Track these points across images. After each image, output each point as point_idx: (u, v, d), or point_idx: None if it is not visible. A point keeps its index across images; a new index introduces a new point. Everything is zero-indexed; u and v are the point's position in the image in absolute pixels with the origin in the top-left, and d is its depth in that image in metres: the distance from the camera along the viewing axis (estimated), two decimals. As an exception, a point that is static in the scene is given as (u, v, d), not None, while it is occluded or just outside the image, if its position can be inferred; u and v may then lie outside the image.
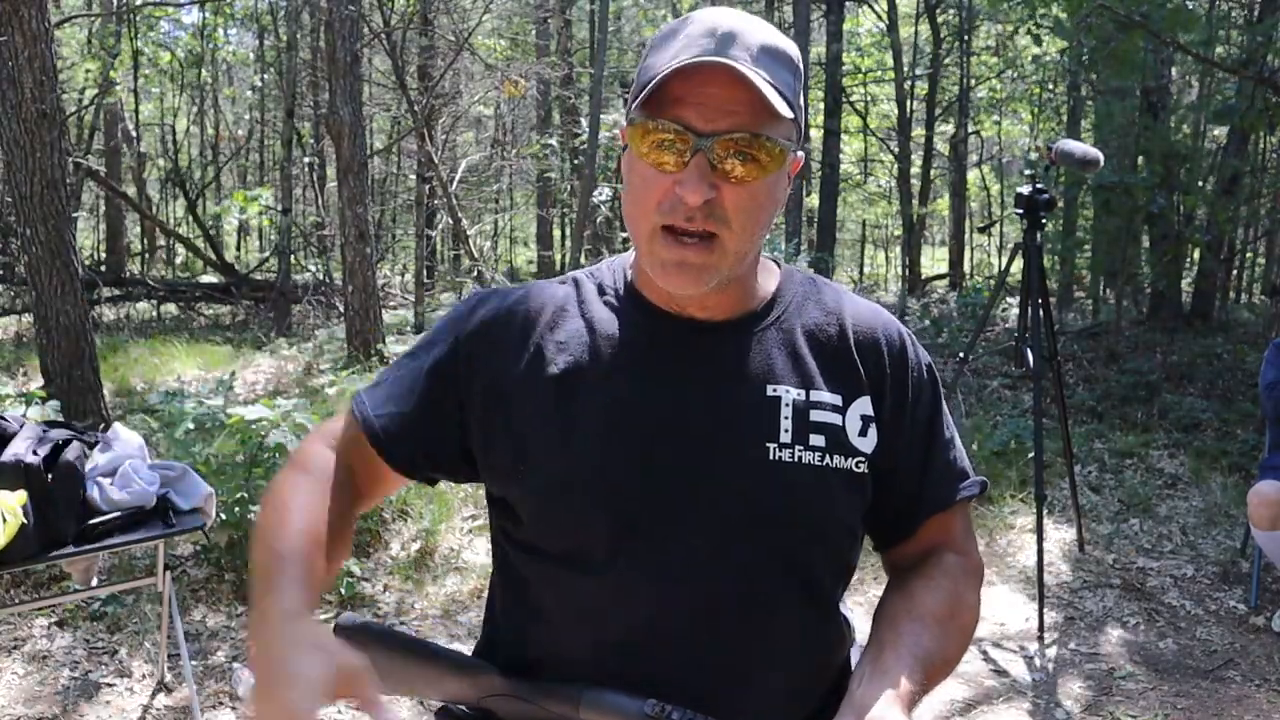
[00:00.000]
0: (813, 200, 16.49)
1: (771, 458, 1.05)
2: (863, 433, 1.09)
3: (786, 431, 1.06)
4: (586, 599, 1.05)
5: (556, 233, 18.96)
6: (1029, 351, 3.94)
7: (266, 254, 14.60)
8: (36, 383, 6.18)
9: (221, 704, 3.10)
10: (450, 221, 11.72)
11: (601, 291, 1.14)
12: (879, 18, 16.08)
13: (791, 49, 1.03)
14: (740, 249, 1.02)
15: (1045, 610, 3.76)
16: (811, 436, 1.07)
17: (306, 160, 13.65)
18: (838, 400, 1.09)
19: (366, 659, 0.88)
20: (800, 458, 1.06)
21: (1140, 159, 8.58)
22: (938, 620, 1.06)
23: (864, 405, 1.10)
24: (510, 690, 1.07)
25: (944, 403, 1.19)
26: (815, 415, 1.07)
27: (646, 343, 1.10)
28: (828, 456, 1.07)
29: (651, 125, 0.98)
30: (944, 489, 1.16)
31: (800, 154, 1.07)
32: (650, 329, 1.10)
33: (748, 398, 1.07)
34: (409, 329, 10.73)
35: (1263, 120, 8.16)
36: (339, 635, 1.05)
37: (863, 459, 1.09)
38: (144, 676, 3.23)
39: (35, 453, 2.80)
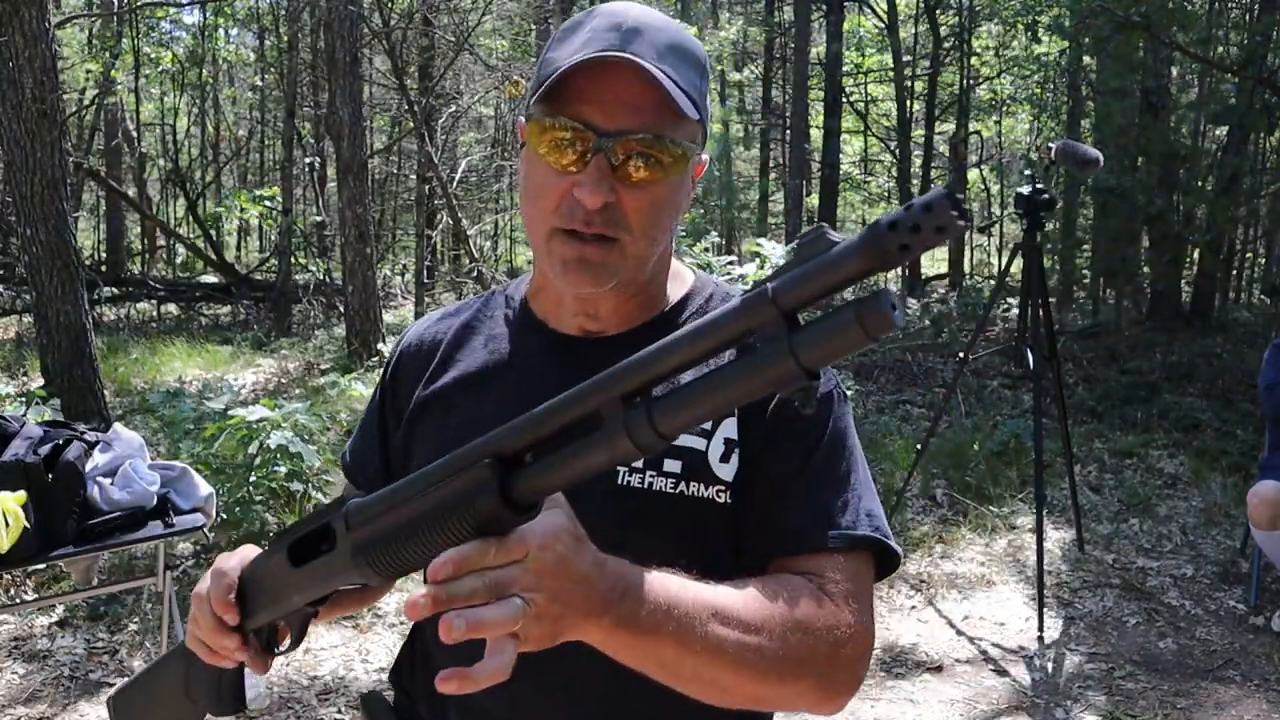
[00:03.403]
0: (813, 200, 16.50)
1: (619, 482, 0.98)
2: (725, 458, 0.99)
3: None
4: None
5: (556, 233, 18.94)
6: (1029, 351, 3.95)
7: (267, 254, 14.61)
8: (36, 383, 6.18)
9: (222, 704, 3.10)
10: (450, 221, 11.73)
11: (507, 304, 1.14)
12: (879, 18, 16.08)
13: (698, 48, 0.99)
14: (641, 253, 0.98)
15: (1045, 610, 3.76)
16: (667, 461, 0.98)
17: (307, 160, 13.66)
18: (706, 423, 0.95)
19: None
20: (651, 484, 0.98)
21: (1140, 159, 8.59)
22: (753, 592, 0.88)
23: (729, 428, 1.00)
24: None
25: (841, 441, 1.02)
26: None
27: (522, 360, 1.08)
28: (683, 484, 0.98)
29: (550, 123, 0.94)
30: (791, 533, 0.96)
31: (705, 157, 1.02)
32: (527, 346, 1.08)
33: None
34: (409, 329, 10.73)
35: (1263, 120, 8.16)
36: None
37: (724, 487, 0.98)
38: (144, 676, 3.24)
39: (35, 453, 2.80)
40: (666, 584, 0.81)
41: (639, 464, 0.97)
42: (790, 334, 0.59)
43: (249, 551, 0.94)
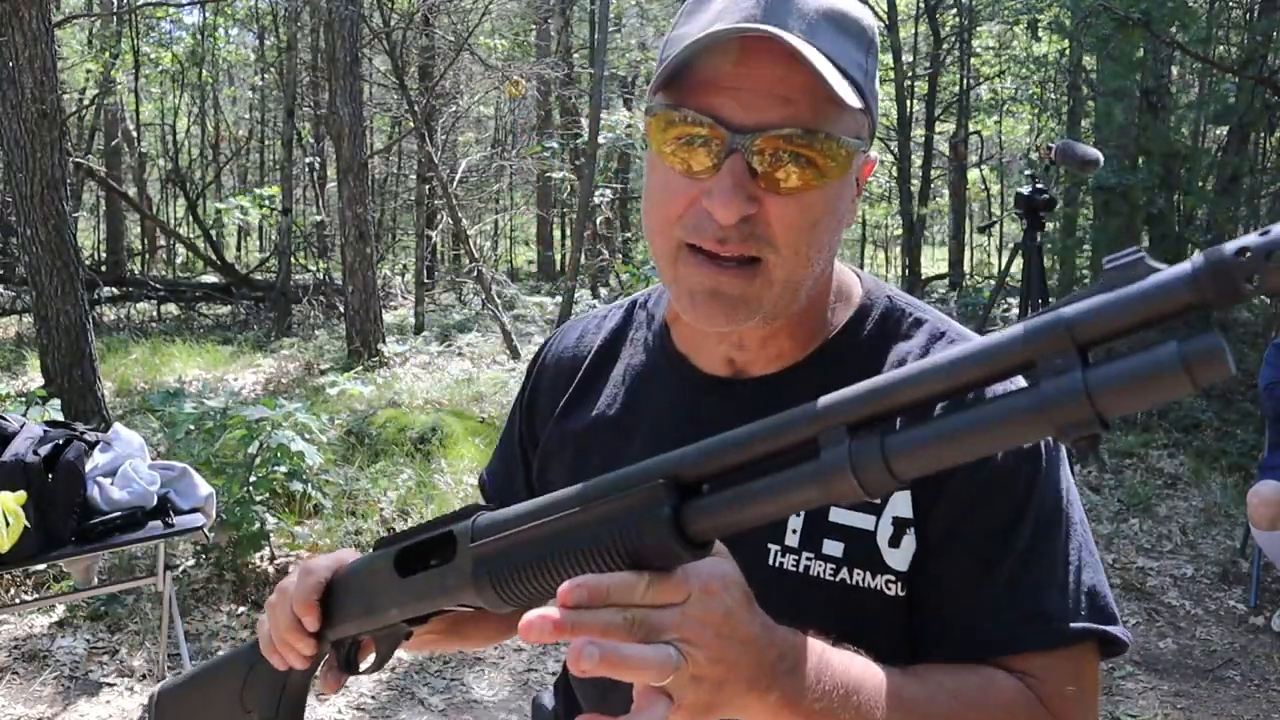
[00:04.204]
0: (813, 200, 16.47)
1: (771, 562, 0.83)
2: (894, 541, 0.82)
3: (794, 532, 0.83)
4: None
5: (556, 233, 18.98)
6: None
7: (267, 254, 14.62)
8: (36, 383, 6.18)
9: (222, 704, 3.10)
10: (450, 221, 11.72)
11: (649, 324, 0.98)
12: (879, 18, 16.09)
13: (864, 17, 0.80)
14: (793, 277, 0.80)
15: (1045, 610, 3.76)
16: (826, 542, 0.83)
17: (307, 160, 13.66)
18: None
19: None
20: (808, 569, 0.82)
21: (1140, 159, 8.60)
22: (948, 690, 0.75)
23: (900, 504, 0.82)
24: None
25: (1054, 507, 0.83)
26: (837, 514, 0.82)
27: (664, 404, 0.93)
28: (844, 570, 0.82)
29: (676, 116, 0.76)
30: (994, 628, 0.79)
31: (873, 155, 0.85)
32: (670, 387, 0.93)
33: None
34: (409, 329, 10.74)
35: (1263, 120, 8.17)
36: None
37: (894, 578, 0.82)
38: (144, 676, 3.24)
39: (35, 453, 2.81)
40: (848, 665, 0.69)
41: (793, 542, 0.83)
42: (1085, 371, 0.48)
43: (346, 554, 0.85)
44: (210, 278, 13.43)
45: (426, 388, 7.35)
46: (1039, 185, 3.93)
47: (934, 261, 21.00)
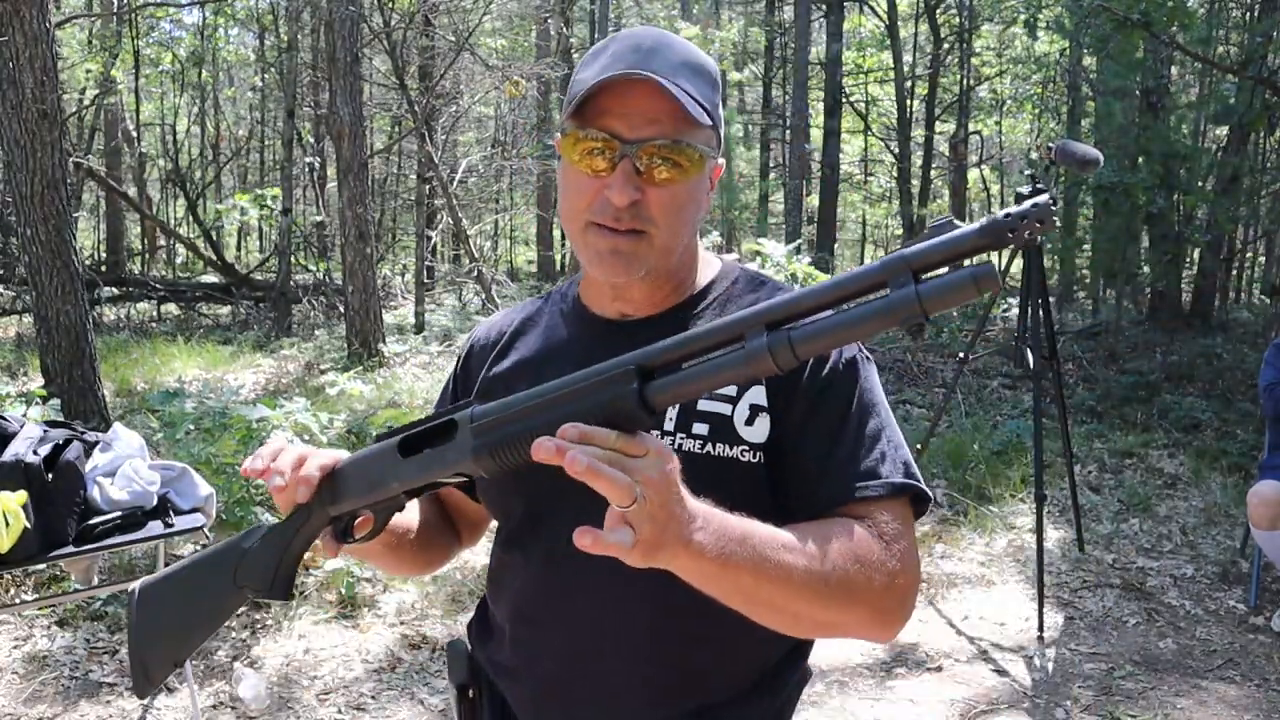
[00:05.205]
0: (813, 200, 16.50)
1: None
2: (750, 421, 1.10)
3: (670, 420, 1.11)
4: (508, 568, 1.22)
5: (556, 233, 18.98)
6: (1029, 351, 3.95)
7: (267, 254, 14.61)
8: (36, 383, 6.19)
9: (221, 704, 3.11)
10: (450, 221, 11.72)
11: (562, 300, 1.29)
12: (879, 18, 16.08)
13: (710, 65, 1.12)
14: (667, 244, 1.11)
15: (1045, 610, 3.76)
16: (695, 425, 1.10)
17: (307, 160, 13.65)
18: (731, 390, 1.10)
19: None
20: (680, 445, 1.09)
21: (1140, 159, 8.60)
22: (813, 533, 1.00)
23: (756, 394, 1.11)
24: None
25: (871, 401, 1.14)
26: (703, 404, 1.11)
27: (574, 345, 1.22)
28: (709, 444, 1.09)
29: (581, 134, 1.07)
30: (839, 486, 1.08)
31: (721, 161, 1.16)
32: (576, 332, 1.23)
33: None
34: (409, 329, 10.73)
35: (1262, 120, 8.17)
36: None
37: (748, 448, 1.09)
38: (144, 676, 3.23)
39: (35, 453, 2.80)
40: (741, 520, 0.93)
41: (670, 427, 1.10)
42: (917, 286, 0.74)
43: (341, 453, 1.08)
44: (210, 278, 13.42)
45: (426, 388, 7.34)
46: (1039, 185, 3.93)
47: (934, 261, 20.97)
